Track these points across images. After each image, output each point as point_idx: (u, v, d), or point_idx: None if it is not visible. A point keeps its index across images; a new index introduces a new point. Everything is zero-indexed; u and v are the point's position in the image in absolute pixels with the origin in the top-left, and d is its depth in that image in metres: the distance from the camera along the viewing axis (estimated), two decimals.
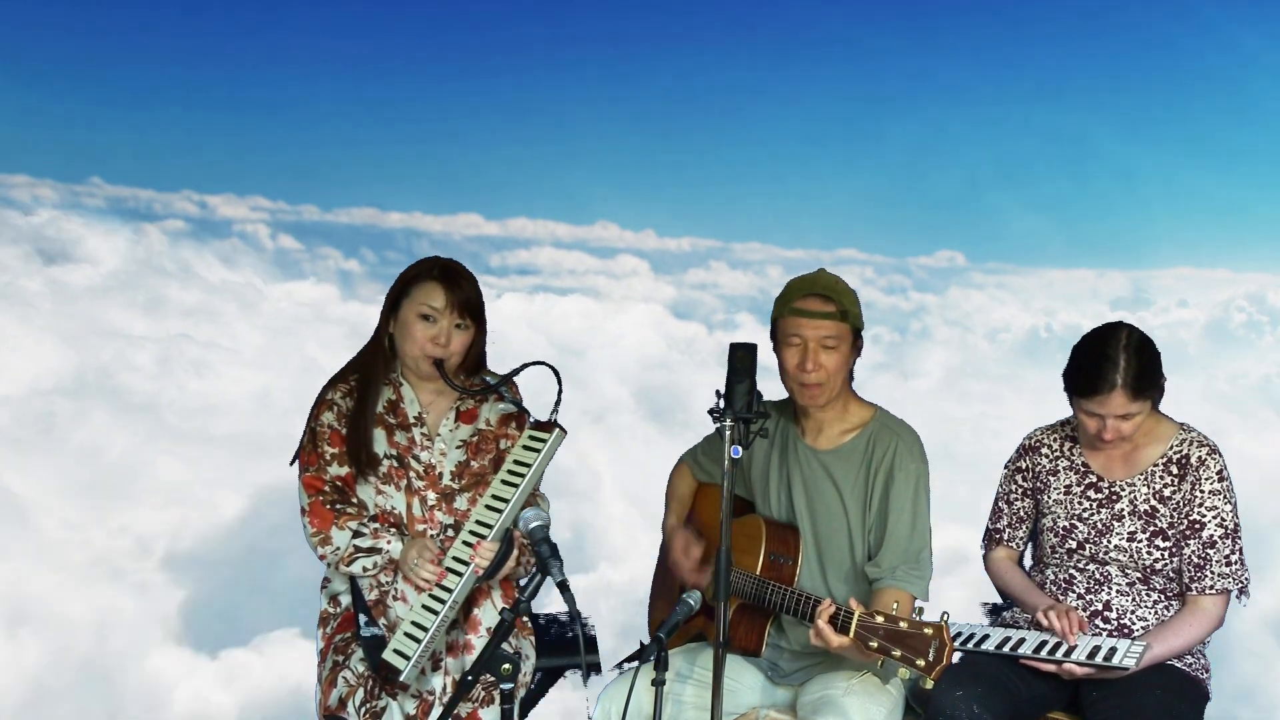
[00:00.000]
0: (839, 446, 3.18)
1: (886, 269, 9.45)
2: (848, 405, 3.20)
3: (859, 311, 3.12)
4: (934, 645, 2.62)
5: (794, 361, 3.08)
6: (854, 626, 2.71)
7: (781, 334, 3.12)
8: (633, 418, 8.55)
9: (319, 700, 3.04)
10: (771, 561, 3.16)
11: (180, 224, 9.10)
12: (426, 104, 9.40)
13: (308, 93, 9.29)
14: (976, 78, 8.99)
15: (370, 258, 9.39)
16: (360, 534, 3.07)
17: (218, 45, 8.88)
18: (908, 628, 2.66)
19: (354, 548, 3.07)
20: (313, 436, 3.14)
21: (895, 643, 2.66)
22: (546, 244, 9.52)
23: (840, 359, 3.08)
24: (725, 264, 9.54)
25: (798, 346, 3.07)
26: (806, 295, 3.08)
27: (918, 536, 3.08)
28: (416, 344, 3.09)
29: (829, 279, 3.13)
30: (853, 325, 3.09)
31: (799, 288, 3.12)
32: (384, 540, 3.07)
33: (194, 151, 9.19)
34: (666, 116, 9.40)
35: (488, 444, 3.22)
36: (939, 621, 2.64)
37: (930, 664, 2.62)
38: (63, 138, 8.85)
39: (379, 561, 3.08)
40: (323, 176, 9.37)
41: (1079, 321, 8.82)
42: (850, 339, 3.10)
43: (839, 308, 3.05)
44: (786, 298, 3.12)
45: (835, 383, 3.10)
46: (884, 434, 3.15)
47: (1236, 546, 3.06)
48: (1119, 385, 2.93)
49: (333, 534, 3.08)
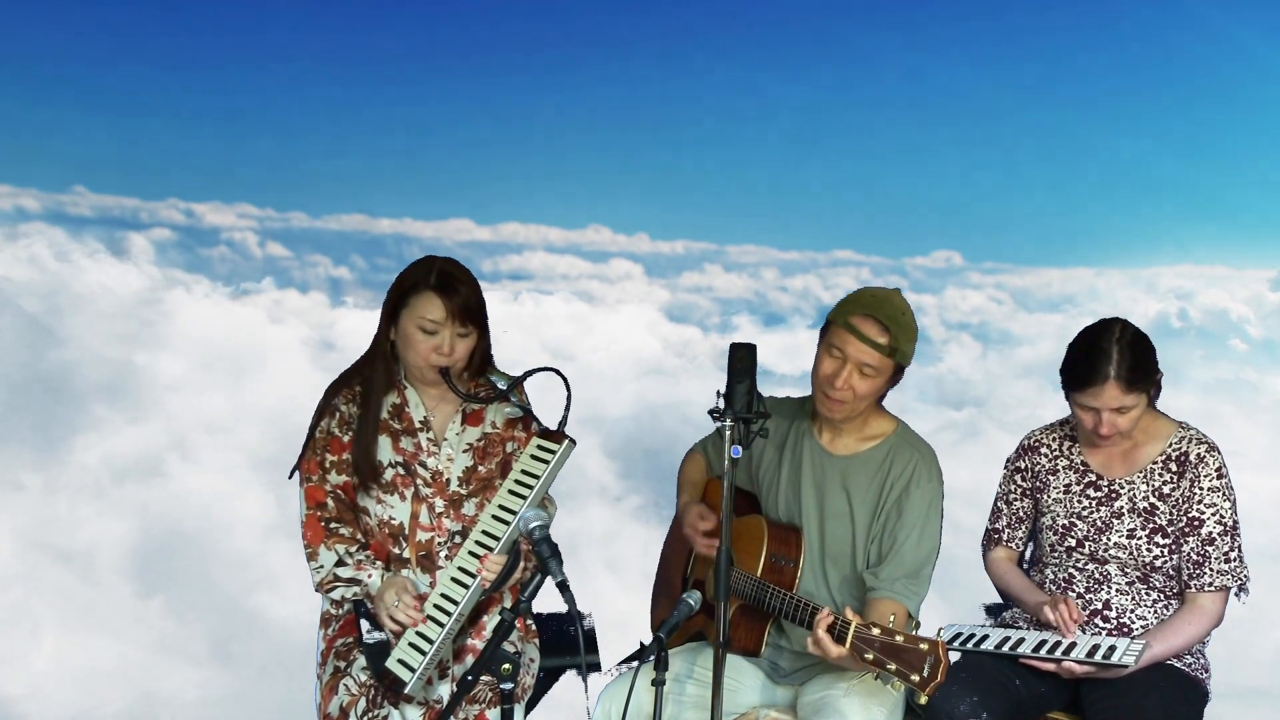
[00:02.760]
0: (857, 454, 3.18)
1: (883, 270, 9.43)
2: (869, 416, 3.18)
3: (910, 350, 3.07)
4: (929, 661, 2.60)
5: (827, 371, 3.06)
6: (850, 637, 2.69)
7: (828, 339, 3.08)
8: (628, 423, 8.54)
9: (319, 704, 3.02)
10: (772, 564, 3.16)
11: (167, 233, 9.04)
12: (415, 108, 9.36)
13: (295, 98, 9.24)
14: (972, 76, 9.00)
15: (361, 264, 9.35)
16: (344, 563, 3.05)
17: (203, 50, 8.83)
18: (904, 642, 2.64)
19: (334, 576, 3.05)
20: (313, 444, 3.12)
21: (891, 656, 2.64)
22: (538, 248, 9.49)
23: (872, 387, 3.05)
24: (720, 267, 9.52)
25: (837, 359, 3.04)
26: (868, 317, 3.02)
27: (923, 554, 3.08)
28: (420, 355, 3.06)
29: (897, 307, 3.06)
30: (898, 362, 3.05)
31: (865, 304, 3.05)
32: (365, 573, 3.04)
33: (180, 159, 9.11)
34: (658, 118, 9.37)
35: (494, 447, 3.20)
36: (935, 638, 2.62)
37: (925, 679, 2.60)
38: (45, 146, 8.78)
39: (358, 593, 3.06)
40: (311, 183, 9.32)
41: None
42: (890, 373, 3.07)
43: (891, 343, 3.00)
44: (848, 308, 3.06)
45: (859, 406, 3.08)
46: (904, 449, 3.14)
47: (1235, 544, 3.07)
48: (1111, 377, 2.94)
49: (320, 552, 3.06)
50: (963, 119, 8.93)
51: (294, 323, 9.02)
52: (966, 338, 9.49)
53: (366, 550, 3.08)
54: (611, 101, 9.25)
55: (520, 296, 9.30)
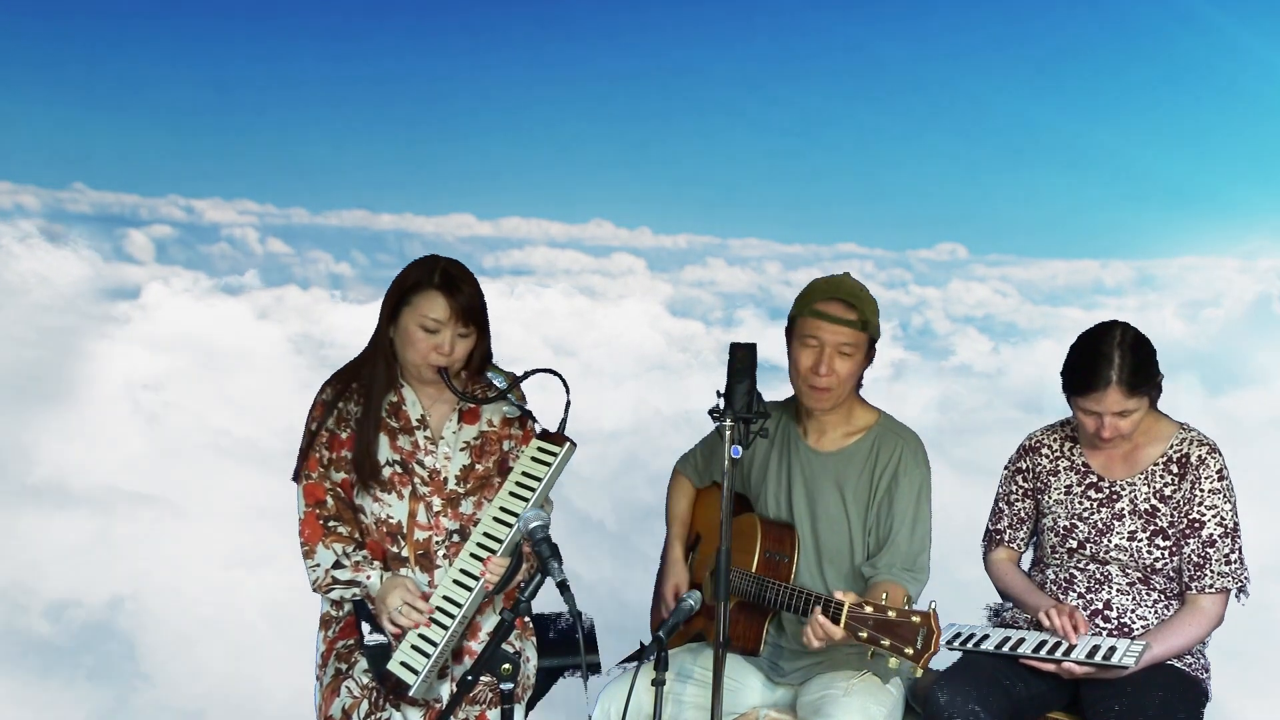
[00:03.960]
0: (843, 449, 3.20)
1: (887, 263, 9.39)
2: (852, 409, 3.22)
3: (878, 322, 3.14)
4: (921, 633, 2.65)
5: (807, 363, 3.09)
6: (844, 617, 2.73)
7: (798, 333, 3.12)
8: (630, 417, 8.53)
9: (319, 706, 3.02)
10: (767, 559, 3.17)
11: (167, 229, 8.99)
12: (416, 103, 9.31)
13: (295, 93, 9.19)
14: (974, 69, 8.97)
15: (361, 260, 9.31)
16: (341, 564, 3.04)
17: (201, 46, 8.78)
18: (896, 616, 2.69)
19: (332, 578, 3.04)
20: (311, 441, 3.12)
21: (884, 632, 2.69)
22: (540, 243, 9.46)
23: (853, 366, 3.10)
24: (723, 260, 9.48)
25: (814, 349, 3.08)
26: (830, 299, 3.08)
27: (917, 541, 3.12)
28: (419, 353, 3.06)
29: (854, 285, 3.13)
30: (870, 335, 3.11)
31: (823, 290, 3.11)
32: (363, 574, 3.04)
33: (179, 155, 9.06)
34: (660, 111, 9.33)
35: (491, 445, 3.20)
36: (927, 610, 2.67)
37: (918, 652, 2.65)
38: (44, 142, 8.74)
39: (356, 594, 3.05)
40: (311, 178, 9.28)
41: None
42: (866, 348, 3.12)
43: (860, 317, 3.06)
44: (809, 298, 3.12)
45: (845, 389, 3.12)
46: (889, 438, 3.17)
47: (1236, 546, 3.06)
48: (1114, 382, 2.94)
49: (317, 550, 3.06)
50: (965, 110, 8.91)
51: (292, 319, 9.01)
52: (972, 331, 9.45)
53: (364, 550, 3.08)
54: (613, 95, 9.21)
55: (522, 292, 9.28)
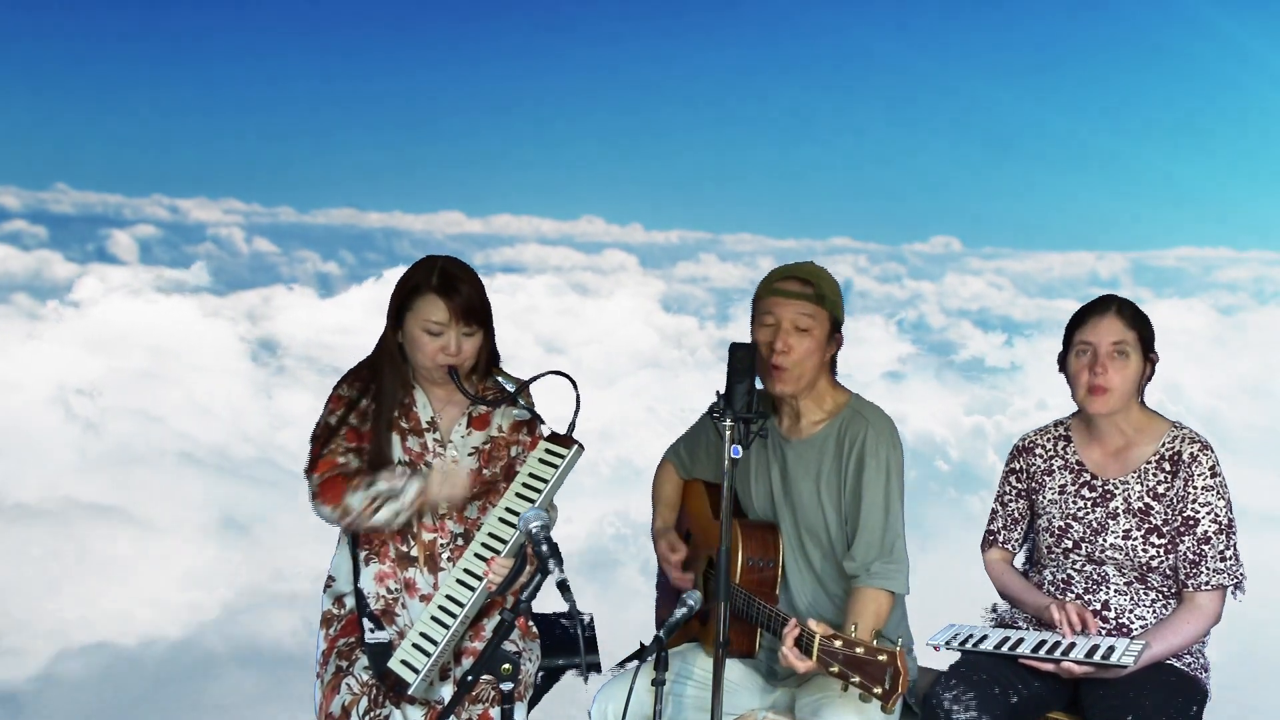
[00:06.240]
0: (814, 435, 3.15)
1: (880, 256, 9.40)
2: (824, 394, 3.16)
3: (839, 301, 3.11)
4: (889, 673, 2.55)
5: (764, 340, 3.06)
6: (815, 650, 2.68)
7: (757, 314, 3.11)
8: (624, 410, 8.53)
9: (319, 703, 3.03)
10: (750, 567, 3.11)
11: (151, 229, 8.89)
12: (404, 100, 9.27)
13: (281, 91, 9.12)
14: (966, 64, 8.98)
15: (349, 259, 9.25)
16: (374, 483, 3.01)
17: (185, 44, 8.71)
18: (864, 654, 2.60)
19: (370, 498, 3.00)
20: (328, 430, 3.10)
21: (854, 669, 2.60)
22: (531, 240, 9.44)
23: (813, 344, 3.05)
24: (715, 256, 9.47)
25: (770, 326, 3.06)
26: (786, 278, 3.08)
27: (890, 527, 3.04)
28: (427, 355, 3.06)
29: (813, 267, 3.13)
30: (830, 312, 3.07)
31: (781, 271, 3.13)
32: (398, 481, 3.01)
33: (164, 154, 8.97)
34: (651, 108, 9.31)
35: (500, 451, 3.20)
36: (894, 648, 2.57)
37: (886, 692, 2.55)
38: (25, 143, 8.63)
39: (405, 503, 3.00)
40: (298, 177, 9.22)
41: None
42: (826, 326, 3.07)
43: (816, 291, 3.04)
44: (768, 280, 3.12)
45: (804, 369, 3.06)
46: (855, 420, 3.10)
47: (1231, 542, 3.08)
48: (1113, 309, 3.10)
49: (346, 499, 3.02)
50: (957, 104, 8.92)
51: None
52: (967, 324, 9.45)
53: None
54: (603, 91, 9.19)
55: (513, 289, 9.25)
